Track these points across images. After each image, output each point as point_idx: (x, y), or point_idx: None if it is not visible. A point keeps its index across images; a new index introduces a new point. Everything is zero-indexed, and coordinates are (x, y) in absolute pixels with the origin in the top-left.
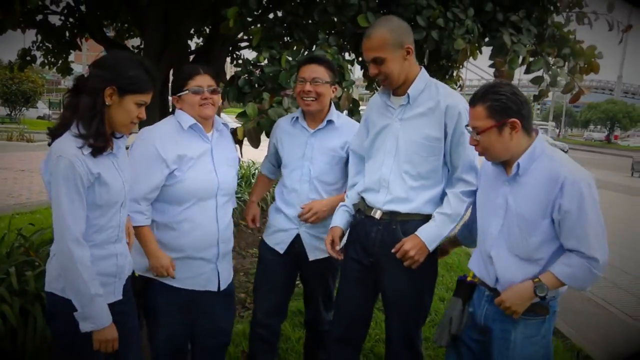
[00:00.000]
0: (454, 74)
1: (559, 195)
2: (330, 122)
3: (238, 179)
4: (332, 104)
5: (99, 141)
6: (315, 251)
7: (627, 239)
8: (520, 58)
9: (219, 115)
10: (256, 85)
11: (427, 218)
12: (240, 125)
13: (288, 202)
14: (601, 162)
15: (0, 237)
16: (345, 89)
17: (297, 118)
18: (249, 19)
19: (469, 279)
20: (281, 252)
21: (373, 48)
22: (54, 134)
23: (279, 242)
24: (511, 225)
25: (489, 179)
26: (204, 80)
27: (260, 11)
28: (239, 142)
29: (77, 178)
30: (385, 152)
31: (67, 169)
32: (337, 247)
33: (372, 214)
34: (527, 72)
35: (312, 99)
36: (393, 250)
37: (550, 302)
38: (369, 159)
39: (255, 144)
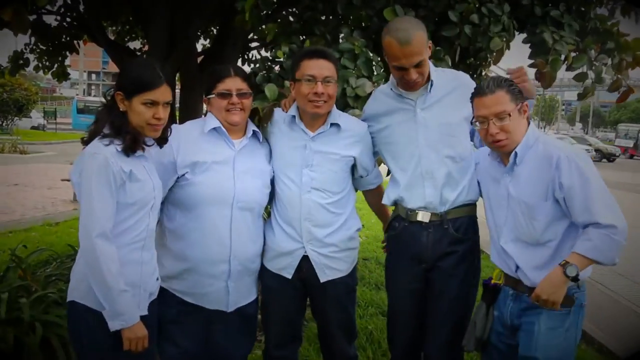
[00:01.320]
0: (483, 72)
1: (556, 174)
2: (334, 125)
3: None
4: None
5: (127, 140)
6: (327, 271)
7: None
8: (563, 57)
9: None
10: (269, 83)
11: (472, 208)
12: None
13: (288, 218)
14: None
15: None
16: (376, 84)
17: (294, 118)
18: (265, 13)
19: (493, 281)
20: (289, 277)
21: (416, 53)
22: (86, 143)
23: (284, 266)
24: (515, 214)
25: (488, 173)
26: (233, 83)
27: (275, 6)
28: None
29: (110, 174)
30: (418, 144)
31: (101, 165)
32: None
33: (418, 218)
34: (568, 69)
35: (323, 101)
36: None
37: (575, 294)
38: (393, 158)
39: (265, 121)
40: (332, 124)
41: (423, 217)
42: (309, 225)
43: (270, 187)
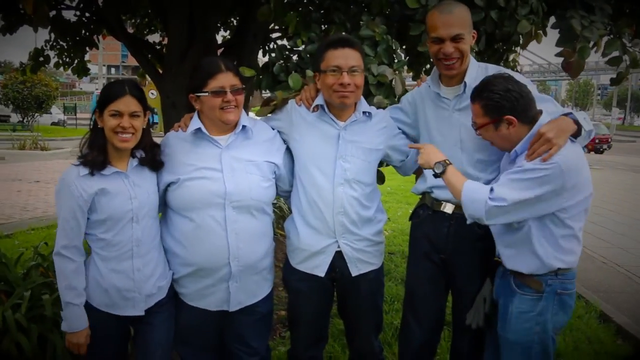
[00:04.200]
0: (510, 58)
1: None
2: (366, 113)
3: None
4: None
5: (94, 158)
6: (359, 265)
7: None
8: (591, 44)
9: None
10: (293, 72)
11: None
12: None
13: (318, 212)
14: None
15: (16, 257)
16: (397, 72)
17: (322, 107)
18: (288, 2)
19: (495, 258)
20: (322, 275)
21: (455, 24)
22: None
23: (316, 265)
24: None
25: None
26: (226, 80)
27: None
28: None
29: (71, 197)
30: (451, 146)
31: (62, 189)
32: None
33: (442, 209)
34: (603, 55)
35: (350, 91)
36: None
37: (548, 281)
38: None
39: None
40: (364, 112)
41: (447, 208)
42: (342, 219)
43: (272, 180)
